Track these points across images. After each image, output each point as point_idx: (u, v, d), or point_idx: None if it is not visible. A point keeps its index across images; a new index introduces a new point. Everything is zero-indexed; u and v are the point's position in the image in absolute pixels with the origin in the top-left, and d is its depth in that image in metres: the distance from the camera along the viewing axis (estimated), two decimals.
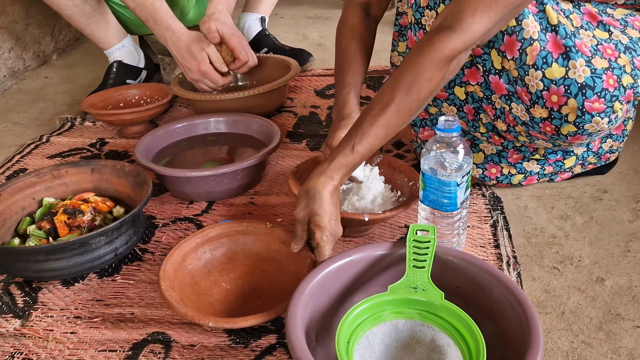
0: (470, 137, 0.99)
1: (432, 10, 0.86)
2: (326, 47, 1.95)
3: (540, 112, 0.82)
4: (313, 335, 0.67)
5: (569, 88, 0.79)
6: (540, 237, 0.93)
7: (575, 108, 0.80)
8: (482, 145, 0.99)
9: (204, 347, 0.73)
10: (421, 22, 0.89)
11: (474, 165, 1.01)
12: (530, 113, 0.83)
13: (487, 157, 1.00)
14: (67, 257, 0.81)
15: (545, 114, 0.82)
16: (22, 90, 1.75)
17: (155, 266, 0.89)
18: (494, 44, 0.82)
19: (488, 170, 1.01)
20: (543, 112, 0.82)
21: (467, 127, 0.96)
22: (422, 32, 0.89)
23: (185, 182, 1.01)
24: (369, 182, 0.92)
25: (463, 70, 0.89)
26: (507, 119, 0.88)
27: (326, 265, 0.71)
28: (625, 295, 0.80)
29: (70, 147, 1.30)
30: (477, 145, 0.99)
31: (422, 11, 0.88)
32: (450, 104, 0.94)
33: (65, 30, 2.09)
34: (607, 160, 1.05)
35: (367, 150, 0.77)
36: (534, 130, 0.86)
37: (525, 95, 0.82)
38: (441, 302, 0.64)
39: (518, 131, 0.89)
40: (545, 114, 0.82)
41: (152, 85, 1.44)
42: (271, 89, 1.29)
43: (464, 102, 0.93)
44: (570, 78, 0.79)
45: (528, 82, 0.81)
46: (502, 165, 1.00)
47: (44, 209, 0.94)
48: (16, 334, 0.77)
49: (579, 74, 0.78)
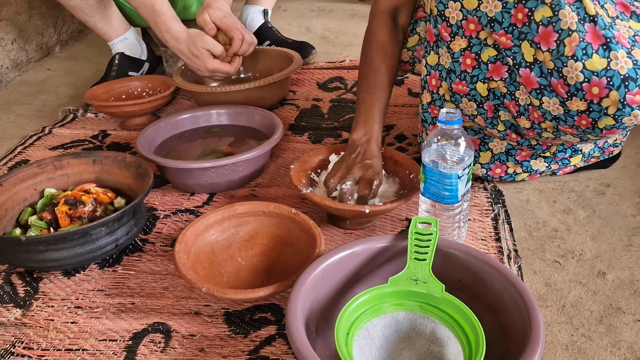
0: (480, 136, 0.97)
1: (456, 2, 0.84)
2: (329, 40, 1.94)
3: (578, 104, 0.79)
4: (313, 326, 0.67)
5: (612, 80, 0.76)
6: (542, 231, 0.93)
7: (617, 100, 0.76)
8: (492, 144, 0.97)
9: (203, 336, 0.74)
10: (444, 14, 0.87)
11: (478, 165, 1.00)
12: (565, 106, 0.80)
13: (495, 155, 0.98)
14: (68, 248, 0.82)
15: (584, 106, 0.79)
16: (24, 82, 1.75)
17: (157, 257, 0.89)
18: (526, 35, 0.80)
19: (492, 171, 1.00)
20: (581, 104, 0.79)
21: (485, 124, 0.94)
22: (445, 24, 0.88)
23: (186, 173, 1.01)
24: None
25: (487, 65, 0.86)
26: (532, 115, 0.85)
27: (327, 256, 0.71)
28: (627, 289, 0.80)
29: (73, 139, 1.30)
30: (487, 144, 0.98)
31: (446, 2, 0.86)
32: (471, 99, 0.91)
33: (69, 22, 2.08)
34: (611, 154, 1.04)
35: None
36: (565, 125, 0.83)
37: (562, 87, 0.79)
38: (442, 295, 0.64)
39: (544, 127, 0.86)
40: (583, 107, 0.79)
41: (155, 77, 1.44)
42: (273, 81, 1.28)
43: (485, 99, 0.90)
44: (612, 69, 0.75)
45: (566, 73, 0.77)
46: (508, 165, 0.99)
47: (46, 199, 0.94)
48: (17, 323, 0.77)
49: (621, 65, 0.75)
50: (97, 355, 0.72)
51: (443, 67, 0.92)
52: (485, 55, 0.85)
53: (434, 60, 0.93)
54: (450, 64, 0.90)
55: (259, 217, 0.88)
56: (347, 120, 1.32)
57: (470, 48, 0.87)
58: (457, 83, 0.91)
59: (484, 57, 0.86)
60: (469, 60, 0.88)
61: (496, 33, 0.82)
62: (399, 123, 1.28)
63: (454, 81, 0.91)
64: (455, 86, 0.91)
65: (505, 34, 0.81)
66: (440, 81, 0.93)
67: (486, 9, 0.81)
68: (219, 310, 0.78)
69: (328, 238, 0.91)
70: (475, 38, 0.85)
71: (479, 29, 0.84)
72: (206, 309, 0.78)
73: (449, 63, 0.90)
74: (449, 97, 0.94)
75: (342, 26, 2.08)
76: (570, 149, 0.97)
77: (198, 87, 1.29)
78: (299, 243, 0.84)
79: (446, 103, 0.96)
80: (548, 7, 0.76)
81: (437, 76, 0.94)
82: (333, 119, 1.33)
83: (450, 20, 0.87)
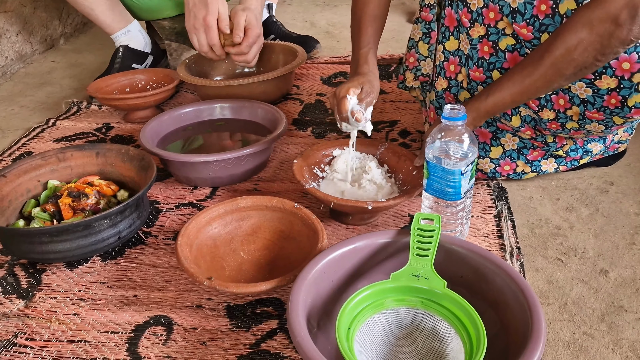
0: (493, 130, 0.97)
1: None
2: (334, 34, 1.94)
3: (608, 82, 0.78)
4: (315, 321, 0.67)
5: None
6: (545, 228, 0.92)
7: None
8: (504, 140, 0.97)
9: (205, 330, 0.74)
10: (467, 0, 0.87)
11: (488, 159, 1.00)
12: (594, 85, 0.80)
13: (506, 152, 0.98)
14: (71, 240, 0.82)
15: (614, 83, 0.78)
16: (29, 74, 1.76)
17: (159, 250, 0.89)
18: (547, 27, 0.79)
19: (501, 167, 0.99)
20: (612, 81, 0.78)
21: (499, 114, 0.92)
22: (466, 10, 0.87)
23: (189, 167, 1.01)
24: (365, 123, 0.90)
25: (504, 54, 0.86)
26: (557, 104, 0.85)
27: (329, 251, 0.71)
28: (629, 287, 0.80)
29: (76, 131, 1.30)
30: (499, 138, 0.97)
31: None
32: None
33: (73, 14, 2.08)
34: (615, 151, 1.04)
35: (499, 100, 0.83)
36: (592, 109, 0.82)
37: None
38: (443, 291, 0.64)
39: (570, 115, 0.85)
40: (613, 84, 0.78)
41: (159, 70, 1.43)
42: (277, 75, 1.28)
43: None
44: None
45: None
46: (518, 163, 0.98)
47: (49, 191, 0.95)
48: (20, 314, 0.78)
49: None
50: (99, 347, 0.72)
51: (463, 52, 0.92)
52: (503, 43, 0.85)
53: (453, 46, 0.93)
54: (469, 50, 0.90)
55: (262, 211, 0.88)
56: None
57: (488, 36, 0.86)
58: (474, 70, 0.91)
59: (501, 45, 0.86)
60: (486, 47, 0.87)
61: (517, 24, 0.82)
62: (403, 119, 1.28)
63: (471, 68, 0.91)
64: (473, 73, 0.91)
65: (526, 25, 0.81)
66: (460, 67, 0.93)
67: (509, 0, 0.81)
68: (220, 303, 0.78)
69: (330, 233, 0.91)
70: (493, 27, 0.85)
71: (498, 18, 0.84)
72: (208, 302, 0.78)
73: (467, 49, 0.90)
74: (466, 85, 0.94)
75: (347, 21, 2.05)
76: (582, 148, 0.97)
77: (202, 80, 1.29)
78: (301, 237, 0.84)
79: (462, 91, 0.95)
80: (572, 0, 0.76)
81: (456, 62, 0.94)
82: None
83: (471, 6, 0.86)
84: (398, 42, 1.85)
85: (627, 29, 0.69)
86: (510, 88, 0.81)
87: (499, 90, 0.83)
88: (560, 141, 0.94)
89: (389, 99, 1.38)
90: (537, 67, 0.78)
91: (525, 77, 0.80)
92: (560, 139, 0.94)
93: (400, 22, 2.02)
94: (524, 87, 0.80)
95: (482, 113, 0.85)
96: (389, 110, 1.32)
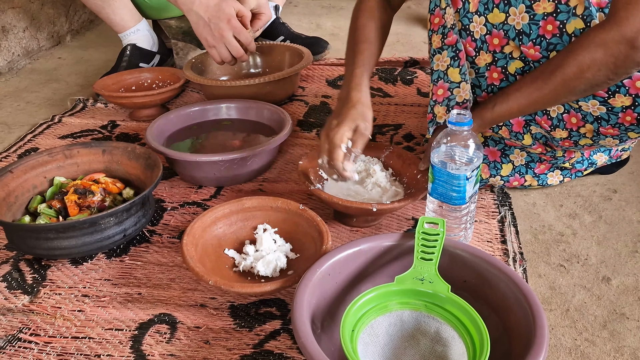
0: (501, 147, 0.97)
1: (481, 17, 0.83)
2: (339, 37, 1.94)
3: (622, 100, 0.78)
4: (319, 322, 0.68)
5: None
6: (548, 235, 0.93)
7: None
8: (512, 156, 0.97)
9: (209, 329, 0.74)
10: (469, 28, 0.85)
11: (498, 177, 0.99)
12: (608, 104, 0.80)
13: (516, 168, 0.98)
14: (77, 236, 0.82)
15: (629, 101, 0.78)
16: (35, 70, 1.76)
17: (164, 248, 0.90)
18: (555, 46, 0.79)
19: (510, 183, 1.00)
20: (626, 100, 0.78)
21: (509, 136, 0.92)
22: (470, 39, 0.86)
23: (195, 166, 1.02)
24: (363, 176, 0.91)
25: (515, 77, 0.85)
26: (569, 123, 0.84)
27: (334, 253, 0.71)
28: (631, 295, 0.80)
29: (82, 128, 1.31)
30: (507, 155, 0.97)
31: (471, 17, 0.84)
32: None
33: (80, 11, 2.09)
34: (619, 158, 1.04)
35: (505, 110, 0.82)
36: (606, 125, 0.82)
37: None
38: (447, 295, 0.64)
39: (583, 132, 0.84)
40: (628, 102, 0.78)
41: (165, 69, 1.44)
42: (283, 77, 1.29)
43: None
44: None
45: None
46: (527, 178, 0.99)
47: (55, 188, 0.95)
48: (24, 310, 0.78)
49: None
50: (103, 344, 0.72)
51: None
52: (512, 67, 0.85)
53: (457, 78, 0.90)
54: (474, 79, 0.90)
55: (267, 212, 0.88)
56: None
57: (496, 62, 0.86)
58: (483, 97, 0.90)
59: (510, 69, 0.85)
60: (495, 74, 0.87)
61: (524, 46, 0.81)
62: (407, 122, 1.28)
63: (480, 95, 0.90)
64: (481, 100, 0.90)
65: (533, 45, 0.80)
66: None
67: (514, 22, 0.81)
68: (224, 303, 0.79)
69: (334, 235, 0.92)
70: (499, 52, 0.84)
71: (503, 43, 0.83)
72: (212, 302, 0.79)
73: (472, 79, 0.90)
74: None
75: None
76: (588, 160, 0.97)
77: (208, 80, 1.30)
78: (305, 239, 0.84)
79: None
80: (580, 19, 0.76)
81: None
82: None
83: (474, 34, 0.85)
84: (404, 45, 1.86)
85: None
86: (518, 99, 0.81)
87: (506, 100, 0.82)
88: (569, 155, 0.95)
89: (393, 102, 1.39)
90: (547, 81, 0.78)
91: (534, 90, 0.80)
92: (570, 152, 0.94)
93: (405, 26, 2.03)
94: (532, 99, 0.80)
95: (487, 121, 0.85)
96: (393, 114, 1.33)
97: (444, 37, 0.90)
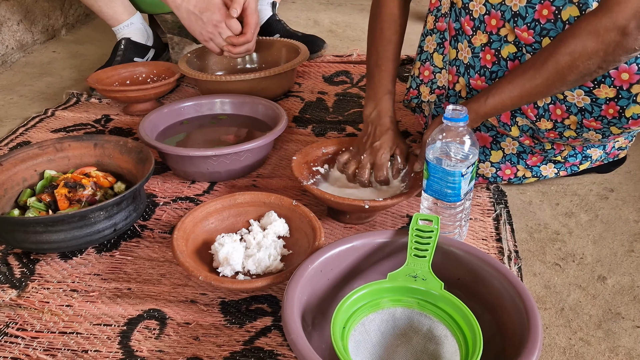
0: (493, 134, 0.96)
1: None
2: (337, 33, 1.93)
3: (606, 91, 0.78)
4: (310, 319, 0.67)
5: None
6: (544, 233, 0.92)
7: None
8: (504, 144, 0.96)
9: (199, 325, 0.73)
10: (469, 7, 0.86)
11: (488, 163, 0.99)
12: (592, 94, 0.79)
13: (506, 156, 0.97)
14: (66, 230, 0.81)
15: (613, 93, 0.78)
16: (29, 63, 1.75)
17: (155, 243, 0.89)
18: (548, 32, 0.79)
19: (502, 171, 0.99)
20: (610, 91, 0.78)
21: (497, 124, 0.92)
22: (469, 18, 0.86)
23: (187, 161, 1.01)
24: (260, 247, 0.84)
25: (506, 62, 0.85)
26: (554, 114, 0.84)
27: (326, 250, 0.70)
28: (627, 294, 0.79)
29: (75, 122, 1.30)
30: (499, 142, 0.96)
31: None
32: None
33: (75, 5, 2.07)
34: (615, 157, 1.03)
35: (498, 103, 0.82)
36: (589, 118, 0.82)
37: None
38: (440, 292, 0.63)
39: (567, 124, 0.84)
40: (612, 94, 0.78)
41: (160, 63, 1.43)
42: (279, 72, 1.28)
43: None
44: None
45: None
46: (519, 168, 0.98)
47: (45, 181, 0.94)
48: (12, 304, 0.77)
49: None
50: (91, 340, 0.71)
51: (461, 62, 0.91)
52: (505, 51, 0.85)
53: (451, 56, 0.92)
54: (470, 58, 0.89)
55: (260, 207, 0.87)
56: (352, 114, 1.31)
57: (490, 44, 0.86)
58: (475, 79, 0.90)
59: (503, 53, 0.85)
60: (488, 56, 0.87)
61: (518, 28, 0.81)
62: (403, 120, 1.27)
63: (473, 77, 0.90)
64: (474, 82, 0.90)
65: (527, 29, 0.80)
66: (457, 77, 0.92)
67: (511, 3, 0.81)
68: (215, 299, 0.77)
69: (328, 232, 0.91)
70: (495, 34, 0.84)
71: (500, 25, 0.83)
72: (202, 298, 0.78)
73: (468, 58, 0.90)
74: (465, 94, 0.93)
75: (350, 20, 2.06)
76: (581, 154, 0.97)
77: (203, 75, 1.29)
78: (298, 235, 0.83)
79: (460, 100, 0.95)
80: (575, 7, 0.76)
81: (454, 72, 0.93)
82: (338, 112, 1.32)
83: (473, 13, 0.86)
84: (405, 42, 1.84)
85: (633, 38, 0.69)
86: (510, 91, 0.81)
87: (498, 93, 0.82)
88: (558, 147, 0.94)
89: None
90: (539, 71, 0.77)
91: (526, 81, 0.79)
92: (559, 145, 0.93)
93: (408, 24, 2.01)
94: (525, 91, 0.80)
95: (480, 115, 0.84)
96: None
97: (436, 20, 0.95)
